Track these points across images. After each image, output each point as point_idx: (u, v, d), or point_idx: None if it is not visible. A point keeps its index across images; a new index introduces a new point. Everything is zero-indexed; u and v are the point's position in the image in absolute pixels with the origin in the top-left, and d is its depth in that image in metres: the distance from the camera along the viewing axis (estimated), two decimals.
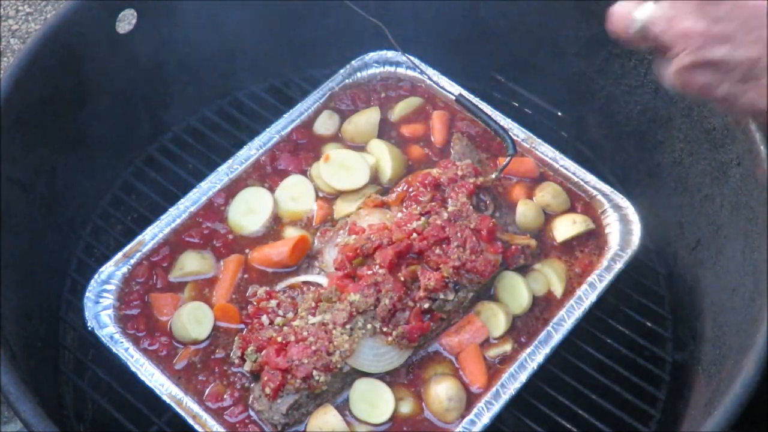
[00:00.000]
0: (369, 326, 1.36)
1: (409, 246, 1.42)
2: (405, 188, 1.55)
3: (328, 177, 1.61)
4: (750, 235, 1.43)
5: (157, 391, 1.37)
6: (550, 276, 1.53)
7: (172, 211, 1.58)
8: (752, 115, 0.88)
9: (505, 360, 1.44)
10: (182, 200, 1.59)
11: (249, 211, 1.59)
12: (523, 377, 1.40)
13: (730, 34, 0.83)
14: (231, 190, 1.62)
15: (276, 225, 1.60)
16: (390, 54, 1.78)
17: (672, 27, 0.87)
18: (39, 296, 1.58)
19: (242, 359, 1.39)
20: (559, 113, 1.89)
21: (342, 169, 1.62)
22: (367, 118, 1.72)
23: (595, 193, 1.63)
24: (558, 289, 1.52)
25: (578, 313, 1.47)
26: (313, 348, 1.34)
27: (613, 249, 1.55)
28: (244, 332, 1.42)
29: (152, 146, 1.82)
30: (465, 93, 1.72)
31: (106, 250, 1.64)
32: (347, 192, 1.61)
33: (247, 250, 1.56)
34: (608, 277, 1.52)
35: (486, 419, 1.36)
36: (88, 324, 1.44)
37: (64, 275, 1.66)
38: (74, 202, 1.69)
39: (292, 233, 1.57)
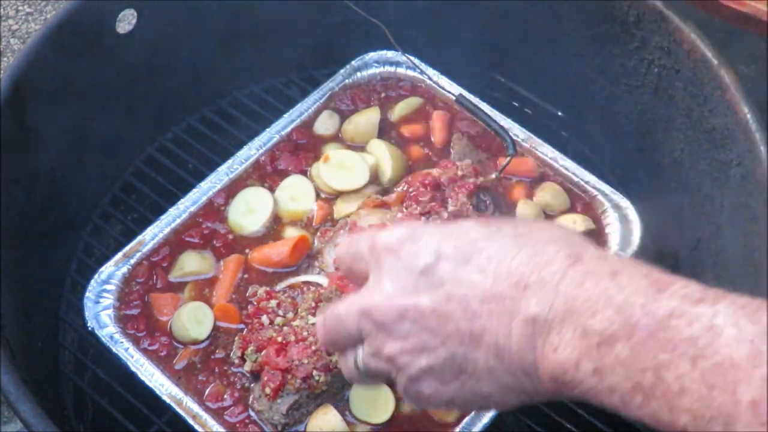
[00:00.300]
0: None
1: None
2: (405, 188, 1.55)
3: (328, 177, 1.61)
4: (750, 235, 1.43)
5: (157, 391, 1.37)
6: None
7: (172, 211, 1.58)
8: (483, 406, 0.99)
9: None
10: (182, 200, 1.59)
11: (249, 211, 1.59)
12: None
13: (423, 343, 0.89)
14: (231, 190, 1.62)
15: (276, 225, 1.60)
16: (390, 54, 1.78)
17: (379, 358, 0.94)
18: (39, 296, 1.58)
19: (242, 359, 1.39)
20: (559, 113, 1.89)
21: (342, 169, 1.62)
22: (367, 118, 1.72)
23: (595, 193, 1.63)
24: None
25: None
26: (313, 348, 1.34)
27: (614, 249, 1.55)
28: (244, 332, 1.42)
29: (152, 146, 1.82)
30: (465, 93, 1.72)
31: (106, 250, 1.63)
32: (347, 192, 1.61)
33: (247, 250, 1.56)
34: None
35: (486, 419, 1.36)
36: (88, 324, 1.44)
37: (64, 275, 1.66)
38: (74, 202, 1.69)
39: (292, 233, 1.57)
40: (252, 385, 1.40)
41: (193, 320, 1.45)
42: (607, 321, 0.77)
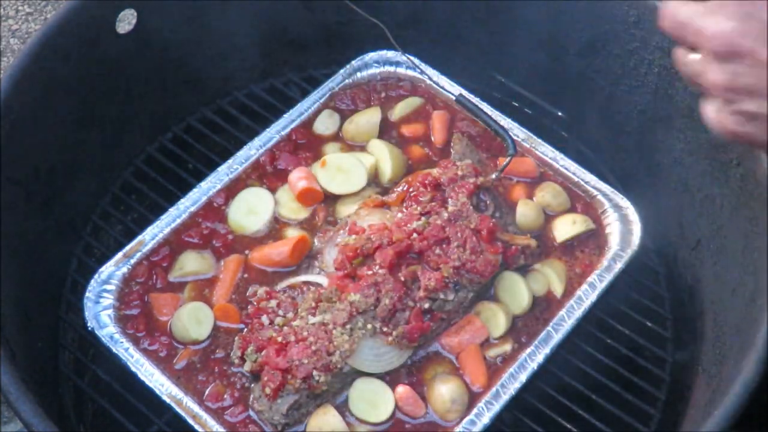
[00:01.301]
0: (369, 326, 1.36)
1: (410, 246, 1.42)
2: (405, 188, 1.55)
3: (326, 182, 1.61)
4: (750, 235, 1.43)
5: (157, 391, 1.37)
6: (551, 276, 1.53)
7: (172, 211, 1.58)
8: None
9: (506, 360, 1.44)
10: (182, 200, 1.59)
11: (250, 211, 1.59)
12: (523, 377, 1.40)
13: (750, 89, 0.92)
14: (231, 190, 1.62)
15: (277, 225, 1.60)
16: (390, 54, 1.78)
17: (704, 79, 0.98)
18: (39, 296, 1.58)
19: (242, 359, 1.39)
20: (559, 113, 1.89)
21: (340, 173, 1.62)
22: (368, 118, 1.72)
23: (595, 193, 1.63)
24: (558, 289, 1.52)
25: (578, 313, 1.47)
26: (313, 348, 1.34)
27: (614, 249, 1.55)
28: (244, 332, 1.42)
29: (152, 146, 1.82)
30: (465, 93, 1.72)
31: (106, 250, 1.64)
32: (346, 195, 1.61)
33: (247, 251, 1.56)
34: (608, 277, 1.52)
35: (486, 419, 1.36)
36: (88, 324, 1.44)
37: (64, 275, 1.66)
38: (74, 202, 1.69)
39: (292, 233, 1.57)
40: (252, 385, 1.40)
41: (193, 320, 1.45)
42: None
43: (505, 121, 1.69)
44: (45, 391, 1.44)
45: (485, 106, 1.70)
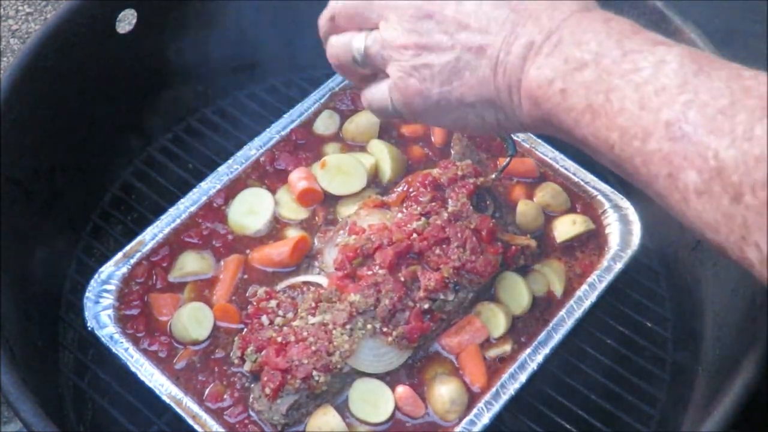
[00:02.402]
0: (369, 326, 1.37)
1: (409, 246, 1.42)
2: (405, 188, 1.55)
3: (326, 183, 1.61)
4: None
5: (157, 391, 1.37)
6: (551, 276, 1.53)
7: (172, 211, 1.58)
8: (457, 123, 1.14)
9: (505, 360, 1.44)
10: (182, 200, 1.59)
11: (250, 212, 1.60)
12: (523, 377, 1.41)
13: (437, 42, 1.05)
14: (231, 190, 1.62)
15: (277, 225, 1.60)
16: None
17: (386, 46, 1.10)
18: (39, 296, 1.58)
19: (242, 359, 1.39)
20: None
21: (340, 174, 1.62)
22: (368, 118, 1.72)
23: (595, 193, 1.63)
24: (558, 290, 1.52)
25: (578, 313, 1.48)
26: (313, 348, 1.34)
27: (614, 249, 1.55)
28: (244, 332, 1.42)
29: (152, 146, 1.83)
30: None
31: (106, 250, 1.64)
32: (347, 196, 1.61)
33: (247, 251, 1.56)
34: (608, 278, 1.52)
35: (486, 419, 1.36)
36: (88, 324, 1.44)
37: (64, 275, 1.66)
38: (74, 202, 1.69)
39: (292, 233, 1.57)
40: (252, 385, 1.40)
41: (193, 320, 1.45)
42: (588, 52, 0.93)
43: None
44: (45, 391, 1.44)
45: None
